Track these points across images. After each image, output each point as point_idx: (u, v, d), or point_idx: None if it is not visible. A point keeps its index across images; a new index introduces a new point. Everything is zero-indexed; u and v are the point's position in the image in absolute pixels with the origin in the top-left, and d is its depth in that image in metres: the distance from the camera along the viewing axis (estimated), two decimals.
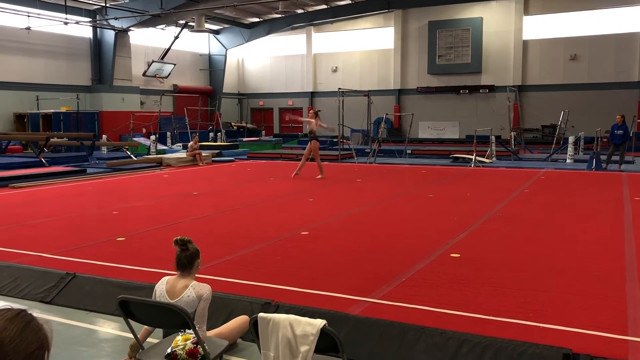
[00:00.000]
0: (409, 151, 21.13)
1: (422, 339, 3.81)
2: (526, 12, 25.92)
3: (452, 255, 5.99)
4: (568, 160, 17.20)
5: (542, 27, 25.75)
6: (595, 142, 15.93)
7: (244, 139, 26.42)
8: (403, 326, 3.95)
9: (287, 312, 3.82)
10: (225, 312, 4.35)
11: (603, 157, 15.47)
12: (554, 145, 19.38)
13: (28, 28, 21.27)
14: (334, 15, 28.66)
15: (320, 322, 2.67)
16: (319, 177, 13.45)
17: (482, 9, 26.36)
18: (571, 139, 17.58)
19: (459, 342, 3.72)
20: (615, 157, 15.42)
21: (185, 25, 26.96)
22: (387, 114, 24.05)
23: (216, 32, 30.77)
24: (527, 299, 4.55)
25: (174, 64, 28.10)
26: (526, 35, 26.04)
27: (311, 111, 14.37)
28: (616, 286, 4.89)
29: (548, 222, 7.91)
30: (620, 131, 15.17)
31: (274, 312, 4.08)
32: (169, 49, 27.53)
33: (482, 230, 7.34)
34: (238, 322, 3.85)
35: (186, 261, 3.43)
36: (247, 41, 30.63)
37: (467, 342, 3.70)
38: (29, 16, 21.36)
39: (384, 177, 13.91)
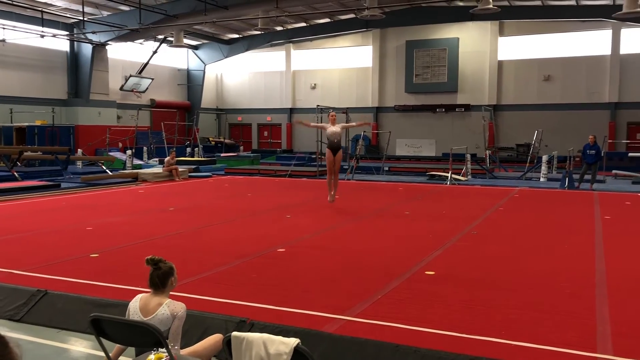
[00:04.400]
0: (387, 168, 21.28)
1: (396, 357, 3.83)
2: (501, 33, 26.50)
3: (427, 272, 6.04)
4: (542, 179, 17.49)
5: (516, 48, 26.34)
6: (568, 161, 16.26)
7: (222, 155, 26.35)
8: (378, 344, 3.97)
9: (262, 330, 3.82)
10: (199, 330, 4.32)
11: (576, 176, 15.79)
12: (528, 164, 19.72)
13: (3, 40, 21.03)
14: (313, 33, 28.93)
15: (293, 341, 2.68)
16: (331, 198, 11.49)
17: (459, 29, 26.87)
18: (545, 158, 17.91)
19: None
20: (588, 177, 15.74)
21: (163, 40, 26.94)
22: (365, 132, 24.25)
23: (195, 48, 30.79)
24: (500, 317, 4.61)
25: (152, 79, 27.99)
26: (501, 56, 26.60)
27: (333, 115, 11.55)
28: (586, 303, 4.98)
29: (521, 239, 8.03)
30: (593, 151, 15.51)
31: (248, 331, 4.08)
32: (147, 64, 27.44)
33: (457, 248, 7.41)
34: (212, 340, 3.81)
35: (158, 280, 3.41)
36: (226, 57, 30.71)
37: None
38: (4, 28, 21.16)
39: (362, 194, 13.98)
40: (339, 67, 30.14)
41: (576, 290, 5.41)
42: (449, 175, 16.90)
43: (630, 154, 21.81)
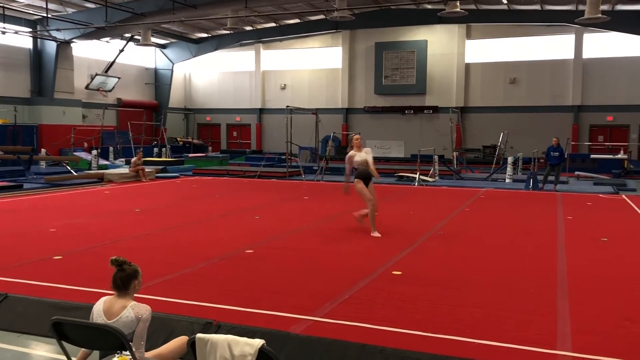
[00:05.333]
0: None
1: (362, 357, 3.86)
2: (468, 36, 26.91)
3: (393, 272, 6.10)
4: (507, 180, 17.83)
5: (483, 51, 26.80)
6: (532, 162, 16.61)
7: (190, 155, 26.10)
8: (344, 344, 4.00)
9: (228, 332, 3.80)
10: (165, 333, 4.28)
11: (540, 177, 16.13)
12: (494, 165, 20.07)
13: None
14: (283, 33, 28.89)
15: (258, 342, 2.68)
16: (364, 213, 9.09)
17: (427, 32, 27.19)
18: (510, 160, 18.26)
19: (398, 359, 3.79)
20: (551, 178, 16.11)
21: (130, 39, 26.52)
22: (334, 133, 24.31)
23: (163, 47, 30.42)
24: (465, 315, 4.69)
25: (119, 78, 27.54)
26: (468, 59, 27.02)
27: (358, 139, 8.86)
28: (548, 302, 5.11)
29: (486, 239, 8.18)
30: (557, 153, 15.87)
31: (215, 332, 4.06)
32: (113, 62, 26.98)
33: (423, 248, 7.51)
34: (177, 343, 3.78)
35: (121, 282, 3.36)
36: (194, 56, 30.43)
37: (406, 359, 3.78)
38: None
39: (331, 195, 14.02)
40: (308, 68, 30.17)
41: (538, 290, 5.53)
42: (417, 176, 17.09)
43: (592, 156, 22.44)
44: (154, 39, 26.92)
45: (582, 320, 4.60)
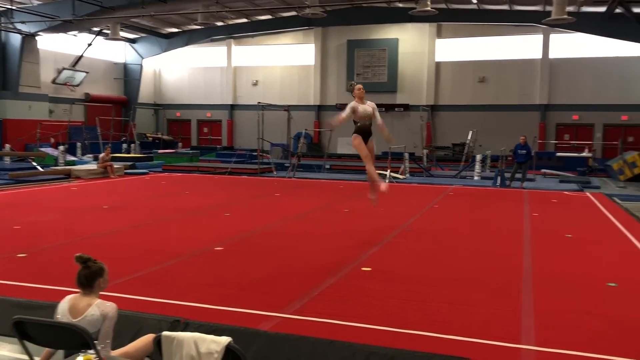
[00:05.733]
0: (328, 166, 21.43)
1: (331, 353, 3.88)
2: (439, 35, 27.19)
3: (363, 269, 6.14)
4: (475, 177, 18.10)
5: (453, 50, 27.11)
6: (500, 160, 16.90)
7: (159, 151, 25.77)
8: (313, 340, 4.01)
9: (197, 330, 3.78)
10: (132, 331, 4.22)
11: (507, 175, 16.42)
12: (462, 163, 20.35)
13: None
14: (255, 29, 28.73)
15: (225, 340, 2.67)
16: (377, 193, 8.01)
17: (398, 30, 27.37)
18: (479, 157, 18.54)
19: (366, 354, 3.82)
20: (518, 175, 16.41)
21: (99, 33, 26.05)
22: (306, 129, 24.34)
23: (132, 41, 29.95)
24: (433, 311, 4.76)
25: (87, 72, 27.02)
26: (439, 57, 27.29)
27: (360, 88, 8.12)
28: (513, 298, 5.21)
29: (455, 236, 8.29)
30: (524, 151, 16.17)
31: (183, 330, 4.03)
32: (81, 57, 26.46)
33: (393, 244, 7.58)
34: (144, 341, 3.74)
35: (85, 280, 3.31)
36: (164, 51, 30.04)
37: (374, 354, 3.81)
38: None
39: (303, 192, 14.04)
40: (281, 65, 30.08)
41: (505, 285, 5.64)
42: (387, 173, 17.21)
43: (558, 154, 22.93)
44: (123, 34, 26.46)
45: (545, 315, 4.71)
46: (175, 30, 29.37)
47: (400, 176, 18.08)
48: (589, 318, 4.66)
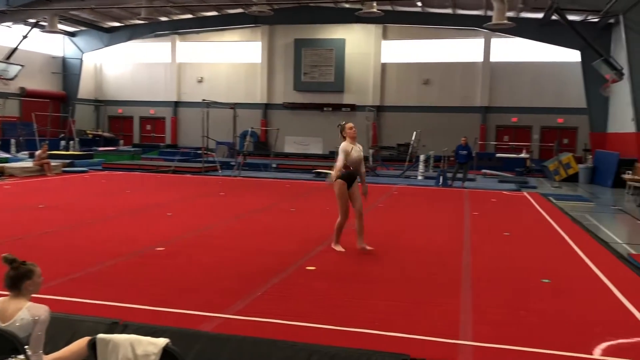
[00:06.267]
0: (275, 165, 21.36)
1: (273, 352, 3.86)
2: (385, 37, 27.57)
3: (307, 268, 6.15)
4: (419, 177, 18.47)
5: (398, 52, 27.56)
6: (442, 160, 17.32)
7: (100, 149, 25.00)
8: (255, 340, 3.98)
9: (136, 332, 3.68)
10: (67, 335, 4.07)
11: (449, 175, 16.83)
12: (407, 163, 20.72)
13: None
14: (200, 25, 28.27)
15: (162, 341, 2.61)
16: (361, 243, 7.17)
17: (345, 31, 27.58)
18: (422, 158, 18.92)
19: (309, 353, 3.82)
20: (460, 175, 16.85)
21: (35, 25, 24.98)
22: (252, 128, 24.14)
23: (72, 35, 28.89)
24: (376, 309, 4.81)
25: (22, 65, 25.82)
26: (385, 59, 27.68)
27: (352, 128, 7.65)
28: (453, 294, 5.34)
29: (398, 234, 8.43)
30: (465, 151, 16.62)
31: (121, 332, 3.91)
32: (15, 49, 25.28)
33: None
34: (80, 344, 3.61)
35: (11, 282, 3.17)
36: (106, 46, 29.13)
37: (316, 352, 3.82)
38: None
39: (248, 191, 13.92)
40: (226, 62, 29.75)
41: (444, 282, 5.78)
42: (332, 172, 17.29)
43: (497, 155, 23.73)
44: (61, 26, 25.46)
45: (482, 311, 4.85)
46: (117, 24, 28.53)
47: None
48: (524, 313, 4.83)
